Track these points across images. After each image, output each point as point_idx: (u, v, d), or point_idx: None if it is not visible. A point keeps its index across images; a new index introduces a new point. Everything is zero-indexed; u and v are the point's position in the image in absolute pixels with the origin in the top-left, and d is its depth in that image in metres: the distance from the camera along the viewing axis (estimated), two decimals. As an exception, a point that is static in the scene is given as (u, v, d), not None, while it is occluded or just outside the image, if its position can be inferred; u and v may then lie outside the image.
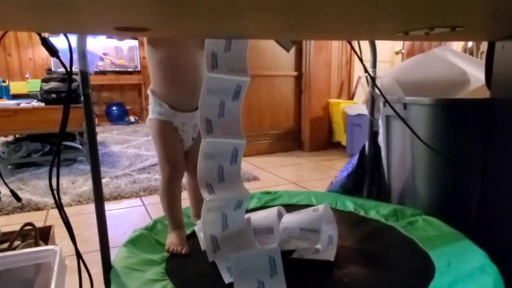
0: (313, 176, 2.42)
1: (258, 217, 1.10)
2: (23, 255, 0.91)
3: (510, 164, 1.00)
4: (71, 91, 1.95)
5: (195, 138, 1.15)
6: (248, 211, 1.17)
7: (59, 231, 1.23)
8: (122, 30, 0.68)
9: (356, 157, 1.60)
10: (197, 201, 1.21)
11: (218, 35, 0.84)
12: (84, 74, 0.86)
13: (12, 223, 1.64)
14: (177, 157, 1.11)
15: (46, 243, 1.14)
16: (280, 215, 1.09)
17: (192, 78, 1.07)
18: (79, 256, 0.86)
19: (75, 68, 0.85)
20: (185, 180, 1.20)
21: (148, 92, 1.11)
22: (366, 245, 1.09)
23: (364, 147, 1.56)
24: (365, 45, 1.34)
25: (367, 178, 1.54)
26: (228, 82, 0.89)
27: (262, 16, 0.62)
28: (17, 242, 1.09)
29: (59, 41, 0.97)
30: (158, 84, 1.08)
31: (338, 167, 1.84)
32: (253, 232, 1.05)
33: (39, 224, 1.19)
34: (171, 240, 1.08)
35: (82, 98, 0.88)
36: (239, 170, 0.94)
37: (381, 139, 1.55)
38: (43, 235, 1.16)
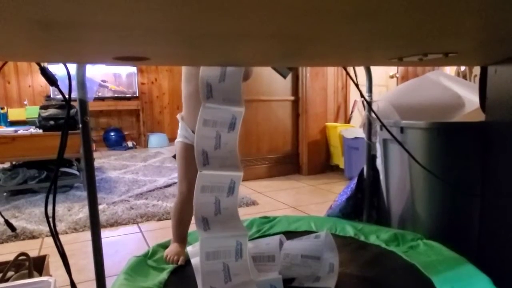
0: (312, 200, 2.41)
1: (260, 244, 1.08)
2: (17, 287, 0.88)
3: (508, 186, 1.00)
4: (69, 117, 1.96)
5: None
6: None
7: (54, 260, 1.20)
8: (122, 60, 0.69)
9: (354, 181, 1.59)
10: None
11: (215, 63, 0.85)
12: (83, 103, 0.87)
13: (5, 252, 1.61)
14: (195, 181, 1.17)
15: (41, 274, 1.11)
16: (281, 244, 1.08)
17: None
18: (74, 287, 0.84)
19: (74, 96, 0.86)
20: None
21: (178, 117, 1.24)
22: (368, 271, 1.07)
23: (362, 170, 1.56)
24: (360, 69, 1.36)
25: (366, 202, 1.53)
26: (223, 112, 0.90)
27: (259, 44, 0.63)
28: (10, 273, 1.06)
29: (58, 69, 0.99)
30: (187, 113, 1.21)
31: (337, 191, 1.82)
32: (254, 259, 1.03)
33: (34, 252, 1.17)
34: (170, 249, 1.16)
35: (80, 125, 0.89)
36: (236, 203, 0.91)
37: (379, 163, 1.55)
38: (38, 265, 1.13)
